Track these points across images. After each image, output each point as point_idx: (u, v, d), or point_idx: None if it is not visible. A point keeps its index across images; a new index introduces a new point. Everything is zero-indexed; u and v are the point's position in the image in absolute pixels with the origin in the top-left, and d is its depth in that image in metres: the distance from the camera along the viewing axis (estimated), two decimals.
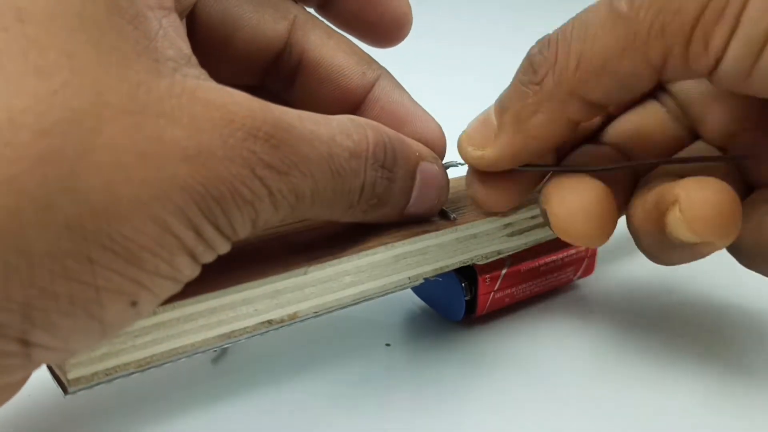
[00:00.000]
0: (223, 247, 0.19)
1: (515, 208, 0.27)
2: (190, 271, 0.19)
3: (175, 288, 0.18)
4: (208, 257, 0.19)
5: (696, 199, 0.20)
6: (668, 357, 0.28)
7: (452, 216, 0.26)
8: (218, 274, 0.21)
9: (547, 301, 0.31)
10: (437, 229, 0.25)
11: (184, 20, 0.23)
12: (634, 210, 0.23)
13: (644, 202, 0.23)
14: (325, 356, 0.27)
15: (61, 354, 0.18)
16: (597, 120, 0.27)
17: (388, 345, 0.28)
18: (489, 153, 0.23)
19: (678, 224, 0.21)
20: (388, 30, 0.26)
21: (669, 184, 0.22)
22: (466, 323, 0.29)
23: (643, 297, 0.32)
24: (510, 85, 0.23)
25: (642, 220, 0.23)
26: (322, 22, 0.26)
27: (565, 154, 0.27)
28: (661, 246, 0.23)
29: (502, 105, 0.23)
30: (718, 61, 0.19)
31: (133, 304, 0.17)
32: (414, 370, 0.26)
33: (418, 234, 0.25)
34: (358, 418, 0.24)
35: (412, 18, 0.26)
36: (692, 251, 0.22)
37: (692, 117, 0.26)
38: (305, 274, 0.22)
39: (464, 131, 0.24)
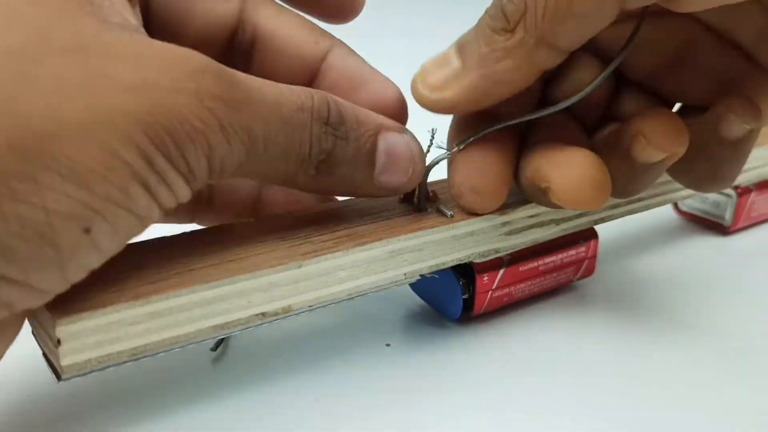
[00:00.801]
0: (181, 188, 0.20)
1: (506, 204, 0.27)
2: (146, 203, 0.19)
3: (133, 222, 0.19)
4: (167, 196, 0.19)
5: (563, 187, 0.24)
6: (669, 359, 0.27)
7: (449, 213, 0.26)
8: (213, 266, 0.22)
9: (547, 302, 0.31)
10: (434, 226, 0.25)
11: (137, 8, 0.23)
12: (521, 176, 0.25)
13: (525, 175, 0.25)
14: (324, 356, 0.27)
15: (26, 291, 0.18)
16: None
17: (388, 345, 0.28)
18: (450, 95, 0.23)
19: (557, 203, 0.24)
20: (339, 5, 0.27)
21: (541, 165, 0.24)
22: (465, 321, 0.29)
23: (643, 299, 0.32)
24: (475, 29, 0.23)
25: (528, 188, 0.25)
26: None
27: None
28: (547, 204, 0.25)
29: (466, 48, 0.23)
30: None
31: (87, 230, 0.18)
32: (414, 369, 0.26)
33: (414, 230, 0.25)
34: (358, 418, 0.24)
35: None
36: None
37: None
38: (299, 267, 0.22)
39: (418, 73, 0.24)
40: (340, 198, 0.29)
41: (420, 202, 0.27)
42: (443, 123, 0.28)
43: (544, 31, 0.21)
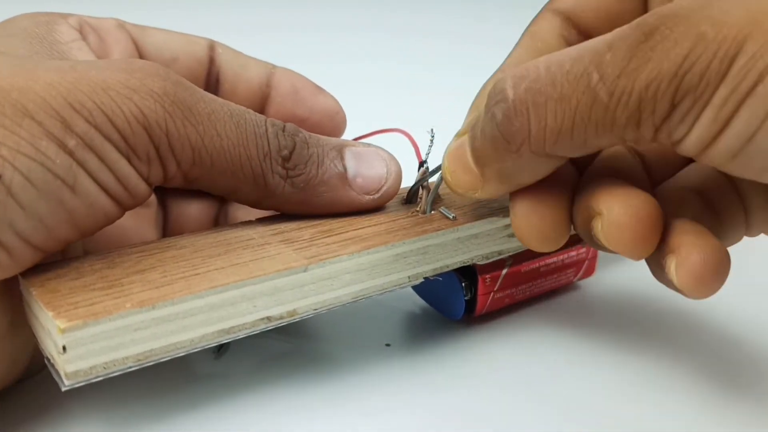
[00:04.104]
0: (122, 166, 0.21)
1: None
2: (65, 164, 0.20)
3: (46, 177, 0.19)
4: (99, 168, 0.20)
5: (615, 218, 0.21)
6: (667, 359, 0.27)
7: (452, 216, 0.26)
8: (219, 269, 0.22)
9: (547, 302, 0.31)
10: (438, 229, 0.25)
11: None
12: (575, 213, 0.23)
13: (579, 208, 0.23)
14: (325, 356, 0.27)
15: None
16: None
17: (388, 345, 0.28)
18: (480, 195, 0.23)
19: (599, 237, 0.22)
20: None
21: (596, 195, 0.22)
22: (466, 322, 0.29)
23: (643, 299, 0.32)
24: (482, 138, 0.22)
25: (579, 225, 0.23)
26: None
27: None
28: (597, 246, 0.23)
29: (480, 160, 0.22)
30: (688, 141, 0.19)
31: None
32: (414, 370, 0.26)
33: (419, 233, 0.25)
34: (357, 418, 0.24)
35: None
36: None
37: None
38: (305, 271, 0.22)
39: (445, 168, 0.24)
40: None
41: (423, 204, 0.27)
42: (444, 124, 0.28)
43: (552, 151, 0.21)
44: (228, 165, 0.23)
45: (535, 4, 0.28)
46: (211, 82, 0.30)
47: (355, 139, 0.30)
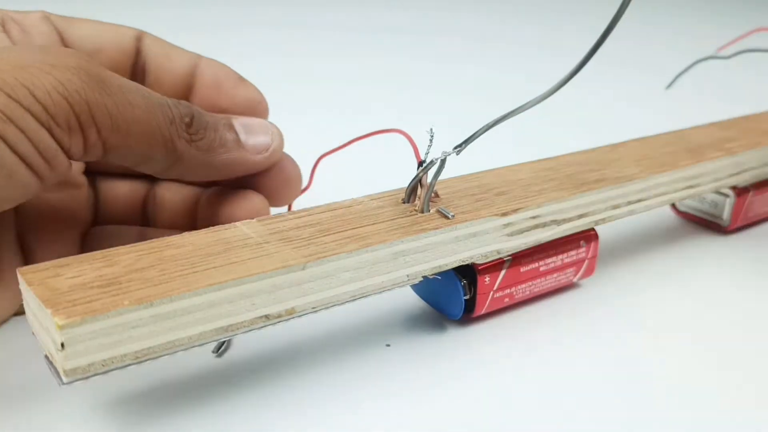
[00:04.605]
0: (36, 130, 0.22)
1: None
2: None
3: None
4: (13, 133, 0.21)
5: None
6: (668, 359, 0.27)
7: (451, 215, 0.26)
8: (217, 267, 0.22)
9: (547, 302, 0.31)
10: (436, 228, 0.25)
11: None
12: None
13: None
14: (325, 356, 0.27)
15: None
16: None
17: (388, 345, 0.28)
18: None
19: None
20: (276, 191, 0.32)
21: None
22: (466, 322, 0.29)
23: (643, 299, 0.32)
24: None
25: None
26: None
27: None
28: None
29: None
30: None
31: None
32: (414, 370, 0.26)
33: (417, 232, 0.25)
34: (357, 418, 0.24)
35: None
36: None
37: None
38: (303, 269, 0.22)
39: None
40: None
41: (421, 203, 0.27)
42: (441, 123, 0.28)
43: None
44: (142, 131, 0.25)
45: (535, 4, 0.28)
46: (138, 72, 0.31)
47: (354, 140, 0.30)
